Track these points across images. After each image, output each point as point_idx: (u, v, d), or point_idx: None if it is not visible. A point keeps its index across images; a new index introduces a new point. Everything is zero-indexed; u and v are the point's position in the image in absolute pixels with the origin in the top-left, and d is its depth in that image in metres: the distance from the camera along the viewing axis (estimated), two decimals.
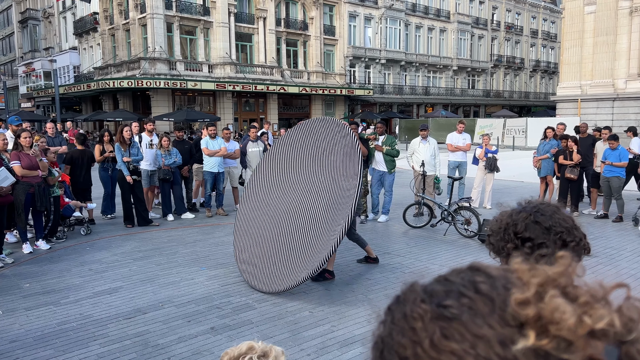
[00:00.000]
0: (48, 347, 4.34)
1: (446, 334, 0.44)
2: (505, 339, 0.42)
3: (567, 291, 0.44)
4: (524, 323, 0.43)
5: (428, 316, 0.46)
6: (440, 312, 0.46)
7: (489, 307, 0.44)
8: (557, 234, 1.33)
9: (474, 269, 0.50)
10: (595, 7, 29.26)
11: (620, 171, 9.26)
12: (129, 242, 8.09)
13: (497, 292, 0.45)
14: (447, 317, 0.45)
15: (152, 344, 4.39)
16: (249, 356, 1.34)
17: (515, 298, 0.44)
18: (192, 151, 10.40)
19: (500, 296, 0.45)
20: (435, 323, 0.45)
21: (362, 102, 40.82)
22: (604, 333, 0.41)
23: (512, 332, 0.42)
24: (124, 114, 29.34)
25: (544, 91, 55.12)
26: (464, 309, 0.45)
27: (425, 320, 0.46)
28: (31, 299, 5.52)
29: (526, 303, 0.43)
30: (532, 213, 1.36)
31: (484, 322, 0.43)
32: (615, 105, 29.04)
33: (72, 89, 34.49)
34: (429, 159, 9.63)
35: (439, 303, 0.46)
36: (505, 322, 0.43)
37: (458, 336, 0.43)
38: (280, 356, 1.38)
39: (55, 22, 44.41)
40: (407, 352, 0.46)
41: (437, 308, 0.46)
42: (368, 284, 5.96)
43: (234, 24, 33.27)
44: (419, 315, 0.47)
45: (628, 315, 0.43)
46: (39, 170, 7.32)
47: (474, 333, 0.43)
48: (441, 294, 0.47)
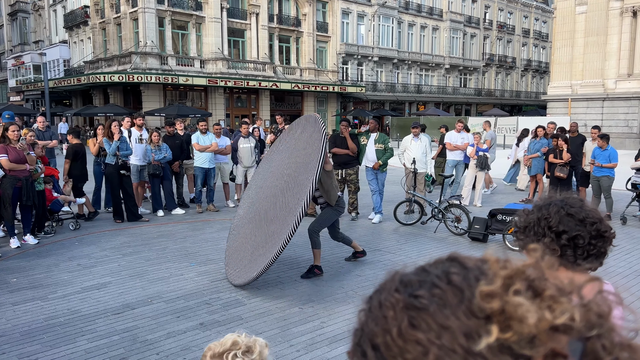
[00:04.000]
0: (35, 342, 4.30)
1: (414, 323, 0.44)
2: (471, 331, 0.42)
3: (534, 284, 0.44)
4: (489, 316, 0.43)
5: (400, 305, 0.47)
6: (410, 302, 0.46)
7: (458, 298, 0.45)
8: (592, 225, 1.38)
9: (451, 259, 0.50)
10: (586, 7, 29.46)
11: (610, 171, 9.34)
12: (118, 237, 8.03)
13: (468, 283, 0.46)
14: (417, 307, 0.45)
15: (141, 339, 4.36)
16: (233, 352, 1.33)
17: (481, 290, 0.44)
18: (182, 146, 10.34)
19: (470, 288, 0.45)
20: (405, 312, 0.46)
21: (354, 99, 40.81)
22: (567, 327, 0.41)
23: (477, 324, 0.43)
24: (114, 108, 29.11)
25: (535, 90, 55.46)
26: (434, 300, 0.45)
27: (396, 309, 0.47)
28: (18, 293, 5.47)
29: (491, 296, 0.43)
30: (563, 206, 1.40)
31: (451, 313, 0.44)
32: (605, 105, 29.29)
33: (62, 82, 34.16)
34: (420, 157, 9.65)
35: (411, 293, 0.47)
36: (471, 314, 0.43)
37: (424, 326, 0.44)
38: (264, 349, 1.37)
39: (45, 15, 43.93)
40: (378, 339, 0.47)
41: (409, 298, 0.47)
42: (358, 280, 5.96)
43: (226, 19, 33.09)
44: (391, 304, 0.47)
45: (596, 311, 0.43)
46: (26, 164, 7.24)
47: (440, 323, 0.43)
48: (415, 284, 0.48)
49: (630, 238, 8.09)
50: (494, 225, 7.62)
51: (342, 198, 6.31)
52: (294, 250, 7.27)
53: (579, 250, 1.38)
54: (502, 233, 7.50)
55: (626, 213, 9.27)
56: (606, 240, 1.40)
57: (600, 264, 1.42)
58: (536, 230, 1.41)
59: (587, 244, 1.37)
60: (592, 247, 1.38)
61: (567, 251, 1.38)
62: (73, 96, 38.66)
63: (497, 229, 7.58)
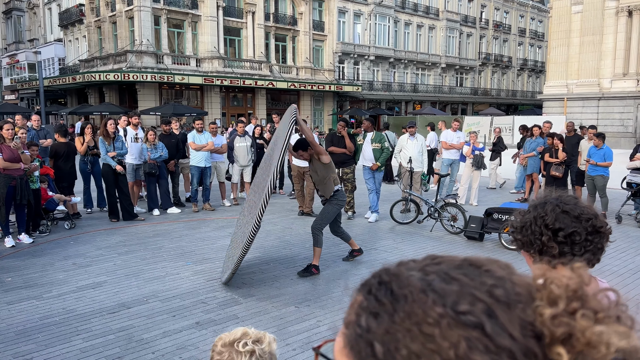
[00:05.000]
0: (30, 341, 4.28)
1: (471, 345, 0.40)
2: (528, 352, 0.40)
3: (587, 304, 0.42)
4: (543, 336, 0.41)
5: (444, 322, 0.41)
6: (459, 319, 0.41)
7: (508, 315, 0.41)
8: (587, 221, 1.40)
9: (472, 264, 0.46)
10: (582, 7, 29.56)
11: (605, 170, 9.37)
12: (113, 236, 8.00)
13: (514, 299, 0.42)
14: (467, 325, 0.41)
15: (136, 338, 4.34)
16: (243, 341, 1.34)
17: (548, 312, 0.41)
18: (178, 145, 10.31)
19: (519, 304, 0.42)
20: (457, 331, 0.41)
21: (350, 98, 40.81)
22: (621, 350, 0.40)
23: (533, 345, 0.40)
24: (110, 107, 29.00)
25: (531, 90, 55.62)
26: (484, 317, 0.41)
27: (442, 326, 0.41)
28: (13, 293, 5.44)
29: (557, 318, 0.41)
30: (558, 204, 1.43)
31: (506, 332, 0.40)
32: (601, 105, 29.41)
33: (57, 81, 33.99)
34: (417, 156, 9.65)
35: (454, 308, 0.42)
36: (526, 332, 0.40)
37: (482, 347, 0.40)
38: (272, 343, 1.38)
39: (40, 13, 43.70)
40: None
41: (456, 314, 0.42)
42: (355, 279, 5.96)
43: (222, 18, 33.01)
44: (435, 321, 0.42)
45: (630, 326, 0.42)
46: (21, 163, 7.20)
47: (498, 344, 0.40)
48: (453, 295, 0.43)
49: (626, 237, 8.12)
50: (490, 224, 7.63)
51: (341, 191, 6.24)
52: (290, 249, 7.27)
53: (576, 246, 1.39)
54: (498, 232, 7.51)
55: (621, 212, 9.31)
56: (602, 236, 1.42)
57: (597, 260, 1.44)
58: (533, 229, 1.43)
59: (583, 240, 1.39)
60: (589, 243, 1.39)
61: (564, 248, 1.39)
62: (68, 95, 38.48)
63: (493, 228, 7.60)
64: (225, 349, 1.35)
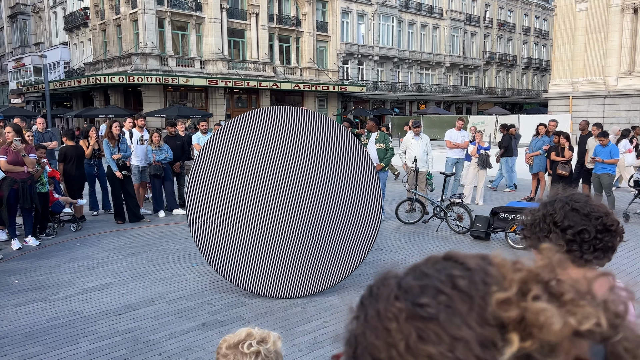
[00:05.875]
0: (37, 343, 4.29)
1: (422, 336, 0.41)
2: (486, 341, 0.39)
3: (550, 288, 0.41)
4: (505, 324, 0.40)
5: (403, 316, 0.43)
6: (415, 312, 0.42)
7: (468, 305, 0.41)
8: (597, 219, 1.39)
9: (450, 259, 0.47)
10: (587, 4, 29.41)
11: (611, 168, 9.31)
12: (119, 238, 8.02)
13: (476, 288, 0.42)
14: (423, 317, 0.42)
15: (143, 340, 4.35)
16: (248, 342, 1.33)
17: (497, 298, 0.41)
18: (183, 147, 10.33)
19: (479, 293, 0.42)
20: (411, 324, 0.42)
21: (355, 98, 40.80)
22: (590, 332, 0.39)
23: (492, 333, 0.40)
24: (115, 110, 29.13)
25: (536, 88, 55.41)
26: (441, 308, 0.42)
27: (400, 320, 0.43)
28: (20, 295, 5.46)
29: (508, 303, 0.40)
30: (568, 202, 1.42)
31: (463, 322, 0.40)
32: (607, 103, 29.24)
33: (62, 84, 34.18)
34: (422, 155, 9.63)
35: (414, 301, 0.43)
36: (484, 322, 0.40)
37: (435, 338, 0.40)
38: (277, 341, 1.38)
39: (45, 17, 43.96)
40: (382, 354, 0.43)
41: (413, 307, 0.43)
42: (360, 279, 5.94)
43: (226, 19, 33.09)
44: (394, 315, 0.43)
45: (614, 311, 0.41)
46: (25, 167, 7.21)
47: (452, 335, 0.40)
48: (416, 290, 0.44)
49: (634, 235, 8.06)
50: (496, 224, 7.59)
51: None
52: None
53: (585, 245, 1.38)
54: (504, 231, 7.48)
55: (629, 210, 9.24)
56: (613, 235, 1.40)
57: (608, 259, 1.42)
58: (542, 227, 1.42)
59: (593, 238, 1.37)
60: (599, 241, 1.37)
61: (573, 246, 1.38)
62: (74, 98, 38.68)
63: (499, 227, 7.56)
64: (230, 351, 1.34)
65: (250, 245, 5.31)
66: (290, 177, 5.52)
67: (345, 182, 5.63)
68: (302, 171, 5.54)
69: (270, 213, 5.41)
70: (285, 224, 5.40)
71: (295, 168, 5.54)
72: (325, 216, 5.51)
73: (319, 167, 5.61)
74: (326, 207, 5.53)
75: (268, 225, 5.36)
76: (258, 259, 5.29)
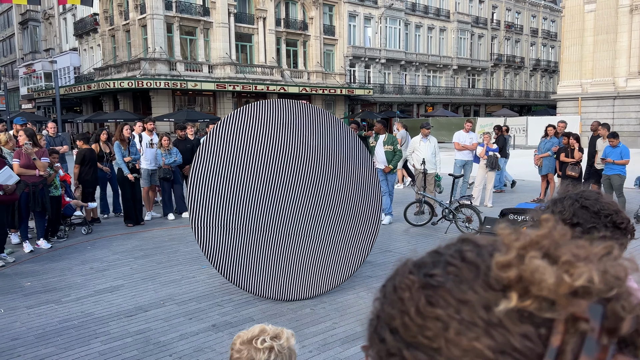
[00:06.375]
0: (50, 344, 4.34)
1: (431, 301, 0.44)
2: (489, 303, 0.42)
3: (549, 252, 0.44)
4: (507, 286, 0.43)
5: (415, 286, 0.47)
6: (426, 281, 0.46)
7: (474, 273, 0.45)
8: (607, 217, 1.37)
9: (463, 240, 0.50)
10: (595, 5, 29.25)
11: (621, 169, 9.24)
12: (129, 241, 8.08)
13: (482, 258, 0.46)
14: (433, 285, 0.45)
15: (154, 341, 4.38)
16: (261, 338, 1.35)
17: (497, 261, 0.44)
18: (193, 150, 10.38)
19: (485, 262, 0.45)
20: (421, 292, 0.46)
21: (362, 101, 40.81)
22: (586, 291, 0.41)
23: (496, 296, 0.43)
24: (124, 114, 29.35)
25: (544, 90, 55.10)
26: (449, 277, 0.45)
27: (412, 290, 0.47)
28: (32, 297, 5.52)
29: (507, 265, 0.43)
30: (577, 199, 1.40)
31: (468, 288, 0.44)
32: (616, 104, 29.02)
33: (72, 89, 34.51)
34: (430, 157, 9.62)
35: (425, 273, 0.47)
36: (489, 287, 0.43)
37: (442, 302, 0.44)
38: (291, 338, 1.39)
39: (55, 23, 44.44)
40: (396, 322, 0.47)
41: (424, 277, 0.47)
42: (369, 281, 5.95)
43: (233, 24, 33.27)
44: (406, 286, 0.47)
45: (613, 273, 0.43)
46: (36, 170, 7.29)
47: (458, 298, 0.43)
48: (429, 264, 0.48)
49: None
50: None
51: None
52: None
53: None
54: None
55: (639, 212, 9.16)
56: (623, 233, 1.38)
57: None
58: None
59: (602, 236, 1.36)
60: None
61: None
62: (83, 103, 39.03)
63: None
64: (244, 346, 1.36)
65: (254, 248, 5.31)
66: (293, 176, 5.53)
67: (348, 183, 5.64)
68: (305, 171, 5.56)
69: (273, 214, 5.41)
70: (288, 225, 5.42)
71: (298, 167, 5.54)
72: (327, 217, 5.52)
73: (320, 166, 5.61)
74: (328, 207, 5.54)
75: (271, 227, 5.38)
76: (262, 261, 5.29)
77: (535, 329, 0.41)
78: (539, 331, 0.41)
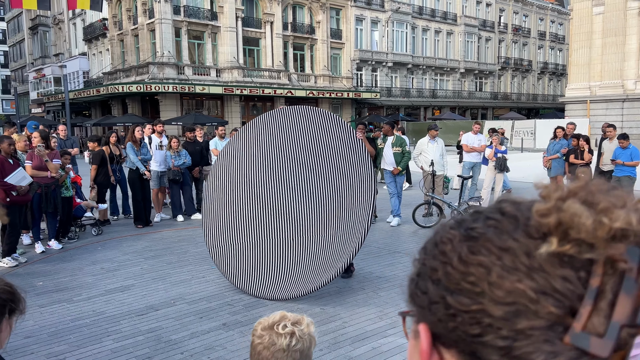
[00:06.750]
0: (62, 342, 4.38)
1: (473, 250, 0.47)
2: (530, 249, 0.44)
3: (587, 200, 0.45)
4: (546, 233, 0.44)
5: (457, 239, 0.49)
6: (467, 234, 0.48)
7: (513, 224, 0.46)
8: None
9: (500, 200, 0.52)
10: (604, 8, 29.14)
11: (631, 170, 9.18)
12: (139, 241, 8.14)
13: (521, 212, 0.47)
14: (474, 237, 0.47)
15: (165, 339, 4.41)
16: (283, 323, 1.37)
17: (537, 209, 0.45)
18: (202, 152, 10.45)
19: (523, 214, 0.47)
20: (463, 243, 0.48)
21: (369, 105, 40.83)
22: (624, 233, 0.42)
23: (536, 244, 0.44)
24: (132, 118, 29.53)
25: (552, 93, 54.86)
26: (490, 229, 0.47)
27: (454, 242, 0.49)
28: (44, 296, 5.57)
29: (547, 213, 0.44)
30: None
31: (509, 237, 0.46)
32: (625, 106, 28.85)
33: (81, 94, 34.81)
34: (438, 159, 9.61)
35: (466, 227, 0.49)
36: (529, 235, 0.45)
37: (484, 251, 0.46)
38: (310, 325, 1.41)
39: (65, 29, 44.86)
40: (439, 273, 0.48)
41: (465, 231, 0.49)
42: (378, 282, 5.95)
43: (241, 28, 33.45)
44: (448, 239, 0.49)
45: None
46: (48, 172, 7.37)
47: (499, 246, 0.45)
48: (469, 220, 0.50)
49: None
50: None
51: None
52: None
53: None
54: None
55: None
56: None
57: None
58: None
59: None
60: None
61: None
62: (92, 107, 39.36)
63: None
64: (266, 332, 1.37)
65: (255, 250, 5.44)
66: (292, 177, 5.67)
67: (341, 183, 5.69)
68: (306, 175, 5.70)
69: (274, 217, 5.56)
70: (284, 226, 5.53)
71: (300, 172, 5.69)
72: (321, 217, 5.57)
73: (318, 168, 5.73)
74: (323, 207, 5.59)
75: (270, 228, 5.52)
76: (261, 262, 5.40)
77: (575, 272, 0.42)
78: (578, 274, 0.42)
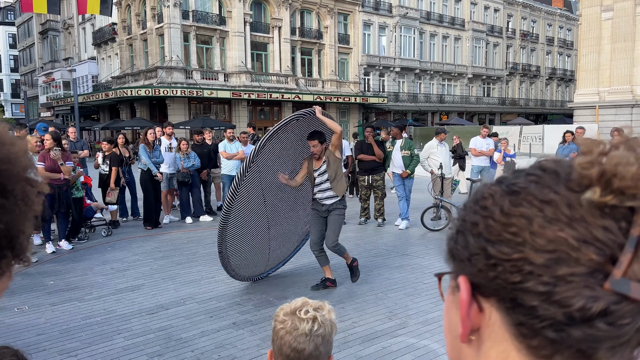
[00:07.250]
0: (74, 340, 4.41)
1: (515, 202, 0.47)
2: (571, 201, 0.44)
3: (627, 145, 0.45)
4: (588, 186, 0.44)
5: (498, 194, 0.49)
6: (509, 189, 0.48)
7: (554, 179, 0.47)
8: None
9: (541, 160, 0.53)
10: (613, 13, 29.04)
11: None
12: (149, 242, 8.18)
13: (562, 167, 0.48)
14: (516, 191, 0.47)
15: (176, 337, 4.43)
16: (305, 308, 1.38)
17: (579, 162, 0.45)
18: (210, 155, 10.50)
19: (564, 170, 0.47)
20: (505, 197, 0.48)
21: (376, 110, 40.86)
22: None
23: (577, 196, 0.44)
24: (141, 122, 29.74)
25: (560, 99, 54.64)
26: (531, 183, 0.47)
27: (495, 197, 0.49)
28: (56, 295, 5.61)
29: (589, 165, 0.44)
30: None
31: (550, 190, 0.46)
32: (634, 112, 28.67)
33: (90, 98, 35.09)
34: (448, 162, 9.59)
35: (508, 183, 0.49)
36: (570, 189, 0.45)
37: (526, 203, 0.46)
38: (331, 311, 1.42)
39: (74, 33, 45.31)
40: (480, 227, 0.48)
41: (506, 186, 0.49)
42: (387, 283, 5.95)
43: (249, 33, 33.63)
44: (489, 195, 0.50)
45: None
46: (61, 174, 7.43)
47: (541, 199, 0.46)
48: (510, 177, 0.50)
49: None
50: None
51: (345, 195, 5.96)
52: None
53: None
54: None
55: None
56: None
57: None
58: None
59: None
60: None
61: None
62: (101, 111, 39.64)
63: None
64: (288, 317, 1.39)
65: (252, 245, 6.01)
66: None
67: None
68: None
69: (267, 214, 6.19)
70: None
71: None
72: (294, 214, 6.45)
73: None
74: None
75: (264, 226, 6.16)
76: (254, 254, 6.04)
77: (616, 222, 0.43)
78: (619, 224, 0.43)
